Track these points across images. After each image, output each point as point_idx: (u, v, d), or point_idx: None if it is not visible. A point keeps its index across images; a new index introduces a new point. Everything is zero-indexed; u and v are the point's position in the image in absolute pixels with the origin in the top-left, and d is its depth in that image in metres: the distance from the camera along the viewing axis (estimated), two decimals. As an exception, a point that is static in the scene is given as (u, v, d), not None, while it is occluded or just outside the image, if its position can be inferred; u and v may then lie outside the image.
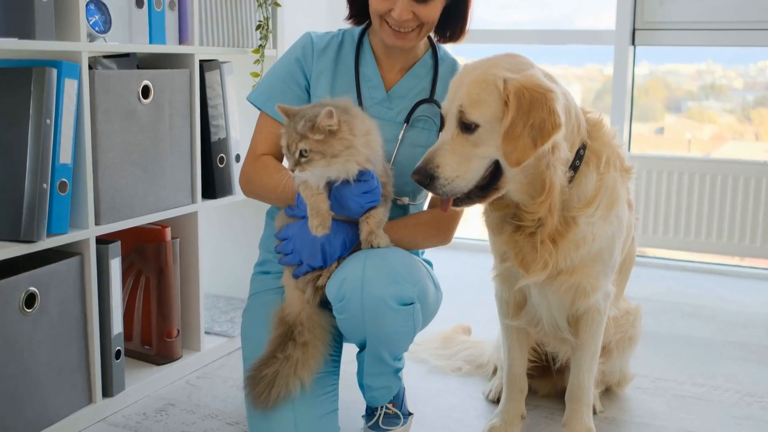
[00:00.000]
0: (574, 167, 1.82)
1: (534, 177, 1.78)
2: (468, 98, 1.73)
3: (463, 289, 3.44)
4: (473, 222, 4.42)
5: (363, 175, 1.76)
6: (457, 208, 1.85)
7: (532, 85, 1.70)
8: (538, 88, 1.70)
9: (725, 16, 3.76)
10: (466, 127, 1.74)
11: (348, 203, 1.77)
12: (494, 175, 1.78)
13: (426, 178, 1.76)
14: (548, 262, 1.84)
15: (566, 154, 1.76)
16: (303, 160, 1.71)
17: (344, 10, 2.14)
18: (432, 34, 2.13)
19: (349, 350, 2.03)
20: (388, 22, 1.96)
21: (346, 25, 2.17)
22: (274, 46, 2.78)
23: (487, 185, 1.80)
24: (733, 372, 2.63)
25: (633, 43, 3.91)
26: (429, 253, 2.27)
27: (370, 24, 2.11)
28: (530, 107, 1.68)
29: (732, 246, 3.83)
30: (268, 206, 2.21)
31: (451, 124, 1.77)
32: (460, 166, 1.74)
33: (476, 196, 1.81)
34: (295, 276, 1.89)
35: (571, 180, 1.82)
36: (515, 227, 1.87)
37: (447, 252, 3.99)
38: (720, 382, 2.54)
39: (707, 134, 4.45)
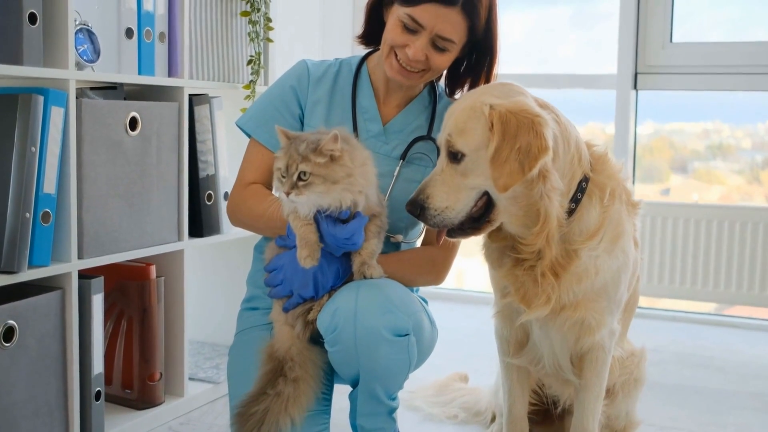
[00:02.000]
0: (576, 200, 1.87)
1: (528, 208, 1.82)
2: (455, 127, 1.80)
3: (460, 341, 3.46)
4: (470, 274, 4.46)
5: (343, 214, 1.80)
6: (452, 239, 1.89)
7: (518, 109, 1.76)
8: (524, 113, 1.75)
9: (728, 59, 3.87)
10: (454, 156, 1.80)
11: (326, 239, 1.81)
12: (487, 206, 1.84)
13: (417, 208, 1.83)
14: (551, 296, 1.87)
15: (558, 183, 1.80)
16: (301, 183, 1.74)
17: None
18: (446, 88, 2.18)
19: (342, 394, 2.03)
20: (397, 55, 1.99)
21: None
22: (266, 83, 2.85)
23: (481, 217, 1.85)
24: (745, 421, 2.64)
25: (635, 87, 4.01)
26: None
27: (369, 54, 2.18)
28: (517, 132, 1.73)
29: (741, 295, 3.87)
30: (255, 244, 2.23)
31: (443, 154, 1.85)
32: (450, 196, 1.81)
33: (470, 227, 1.86)
34: (285, 309, 1.91)
35: (571, 212, 1.86)
36: (515, 260, 1.91)
37: (444, 304, 4.04)
38: (731, 432, 2.56)
39: (715, 196, 4.46)
